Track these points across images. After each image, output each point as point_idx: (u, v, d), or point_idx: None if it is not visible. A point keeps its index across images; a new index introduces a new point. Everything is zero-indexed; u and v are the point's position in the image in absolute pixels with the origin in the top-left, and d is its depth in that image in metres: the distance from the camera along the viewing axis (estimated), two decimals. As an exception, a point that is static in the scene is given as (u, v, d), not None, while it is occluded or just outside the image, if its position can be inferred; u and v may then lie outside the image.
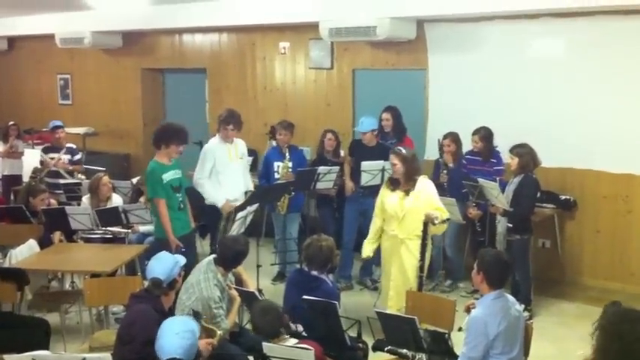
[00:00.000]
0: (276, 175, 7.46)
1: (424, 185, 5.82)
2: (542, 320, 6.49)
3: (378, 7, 7.83)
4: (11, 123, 10.44)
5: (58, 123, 9.26)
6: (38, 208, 7.13)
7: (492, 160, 7.18)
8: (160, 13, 9.91)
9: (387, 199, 5.90)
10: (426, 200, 5.74)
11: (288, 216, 7.53)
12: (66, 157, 9.00)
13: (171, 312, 4.51)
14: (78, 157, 9.22)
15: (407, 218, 5.75)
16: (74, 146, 9.43)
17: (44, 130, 11.83)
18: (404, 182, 5.82)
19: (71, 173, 8.95)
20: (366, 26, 7.87)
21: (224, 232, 6.48)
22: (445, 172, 7.19)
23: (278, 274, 7.72)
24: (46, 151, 9.11)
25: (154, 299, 4.28)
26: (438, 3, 7.54)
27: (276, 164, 7.50)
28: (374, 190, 6.72)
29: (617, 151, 7.24)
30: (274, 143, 7.98)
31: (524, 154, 6.48)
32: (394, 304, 5.71)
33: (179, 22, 10.02)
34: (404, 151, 5.87)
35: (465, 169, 7.23)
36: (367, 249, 6.12)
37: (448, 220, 5.84)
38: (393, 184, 5.92)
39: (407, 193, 5.78)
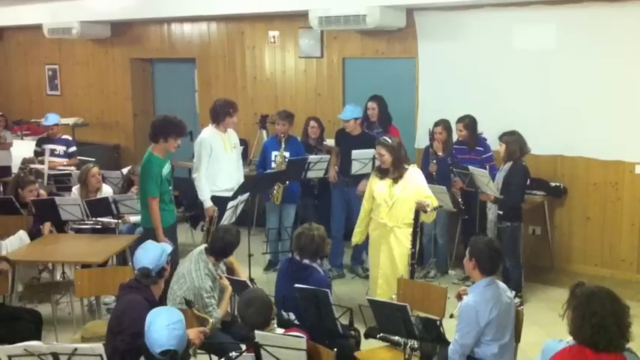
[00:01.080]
0: (273, 165, 7.44)
1: (413, 174, 5.82)
2: (533, 306, 6.53)
3: (368, -4, 7.82)
4: None
5: (56, 120, 9.08)
6: (27, 200, 7.09)
7: (479, 148, 7.19)
8: (148, 2, 9.87)
9: (376, 187, 5.90)
10: (415, 189, 5.74)
11: (284, 206, 7.49)
12: (61, 149, 8.90)
13: (161, 301, 4.50)
14: (73, 149, 9.09)
15: (396, 206, 5.75)
16: (70, 138, 9.32)
17: (33, 121, 11.80)
18: (392, 171, 5.82)
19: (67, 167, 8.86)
20: (355, 15, 7.85)
21: (207, 234, 6.49)
22: (434, 161, 7.19)
23: (269, 263, 7.73)
24: (41, 142, 9.00)
25: (144, 289, 4.27)
26: (428, -9, 7.54)
27: (274, 154, 7.47)
28: (358, 181, 6.77)
29: (606, 138, 7.27)
30: (265, 132, 7.95)
31: (512, 141, 6.49)
32: (383, 292, 5.71)
33: (168, 12, 9.96)
34: (390, 140, 5.87)
35: (455, 159, 7.22)
36: (357, 236, 6.17)
37: (439, 207, 5.85)
38: (382, 172, 5.92)
39: (395, 181, 5.79)
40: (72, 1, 10.34)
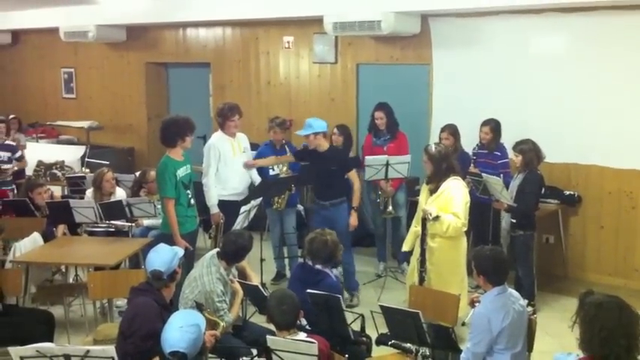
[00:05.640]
0: (271, 172, 7.38)
1: (449, 185, 5.70)
2: (546, 315, 6.48)
3: (383, 2, 7.82)
4: (12, 116, 10.39)
5: None
6: (38, 202, 7.14)
7: (496, 153, 7.14)
8: (164, 7, 9.91)
9: (422, 194, 5.95)
10: (444, 201, 5.66)
11: (285, 211, 7.42)
12: (5, 155, 8.59)
13: (172, 304, 4.51)
14: (19, 154, 8.76)
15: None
16: (14, 143, 9.04)
17: (48, 124, 11.86)
18: (431, 180, 5.81)
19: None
20: (370, 21, 7.84)
21: (215, 241, 6.49)
22: None
23: (277, 274, 7.63)
24: None
25: (155, 292, 4.28)
26: (443, -2, 7.53)
27: None
28: (338, 204, 6.71)
29: (621, 146, 7.22)
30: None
31: (527, 150, 6.43)
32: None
33: (183, 16, 10.02)
34: (434, 148, 5.80)
35: (476, 165, 7.16)
36: (407, 244, 6.09)
37: (437, 218, 5.59)
38: (428, 179, 5.91)
39: (433, 191, 5.76)
40: (88, 4, 10.41)
